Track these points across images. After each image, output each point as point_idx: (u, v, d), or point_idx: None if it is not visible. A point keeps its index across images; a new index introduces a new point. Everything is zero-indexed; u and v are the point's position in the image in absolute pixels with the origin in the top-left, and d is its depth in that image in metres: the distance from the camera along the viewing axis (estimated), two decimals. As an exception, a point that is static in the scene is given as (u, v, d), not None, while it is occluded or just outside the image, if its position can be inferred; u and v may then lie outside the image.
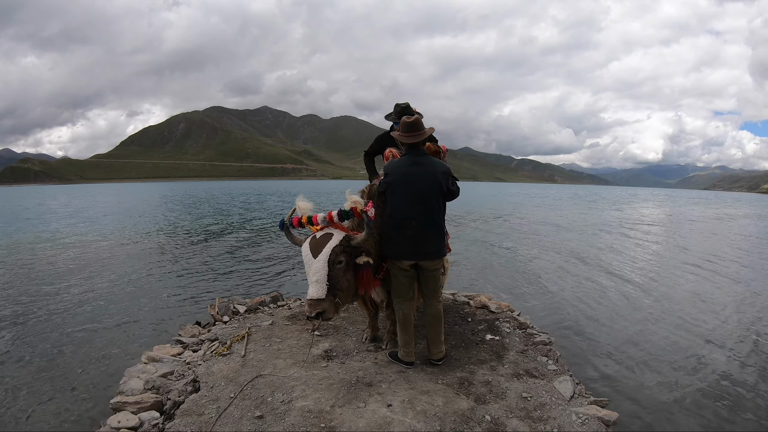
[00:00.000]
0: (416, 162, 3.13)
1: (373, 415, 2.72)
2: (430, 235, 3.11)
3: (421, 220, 3.06)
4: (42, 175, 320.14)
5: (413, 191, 3.06)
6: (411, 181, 3.07)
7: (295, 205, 3.08)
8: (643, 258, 10.93)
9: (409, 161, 3.15)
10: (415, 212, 3.05)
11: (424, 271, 3.23)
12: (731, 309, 6.61)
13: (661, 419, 3.53)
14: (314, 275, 2.74)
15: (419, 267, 3.20)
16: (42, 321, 5.59)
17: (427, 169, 3.11)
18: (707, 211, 33.00)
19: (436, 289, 3.33)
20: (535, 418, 2.77)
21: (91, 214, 22.39)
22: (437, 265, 3.25)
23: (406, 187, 3.07)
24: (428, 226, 3.10)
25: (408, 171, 3.10)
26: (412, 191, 3.06)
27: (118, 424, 2.70)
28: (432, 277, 3.27)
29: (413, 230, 3.05)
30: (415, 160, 3.14)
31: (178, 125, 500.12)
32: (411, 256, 3.11)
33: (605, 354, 4.78)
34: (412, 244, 3.08)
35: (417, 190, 3.06)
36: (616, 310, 6.43)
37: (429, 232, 3.11)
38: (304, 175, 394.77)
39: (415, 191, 3.06)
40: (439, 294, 3.36)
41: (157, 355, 3.74)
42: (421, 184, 3.07)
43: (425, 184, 3.07)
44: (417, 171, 3.09)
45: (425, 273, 3.24)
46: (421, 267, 3.20)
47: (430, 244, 3.12)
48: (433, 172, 3.10)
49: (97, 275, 8.13)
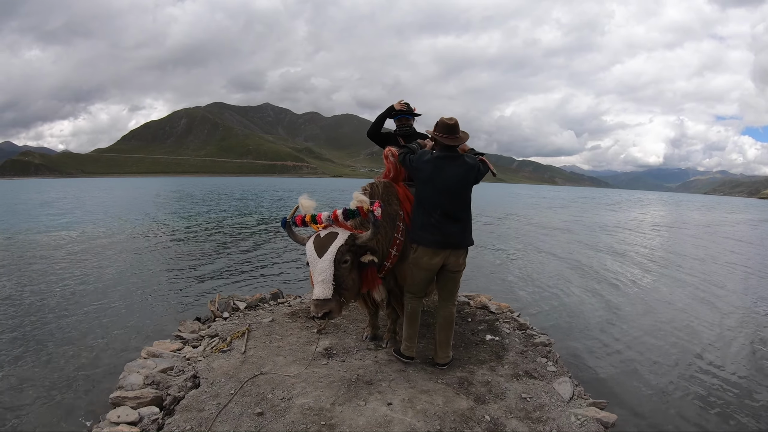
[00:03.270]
0: (449, 157, 3.20)
1: (373, 413, 2.73)
2: (457, 225, 3.18)
3: (449, 211, 3.14)
4: (43, 168, 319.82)
5: (443, 186, 3.14)
6: (442, 176, 3.15)
7: (298, 203, 3.07)
8: (644, 260, 10.93)
9: (442, 156, 3.20)
10: (446, 203, 3.14)
11: (446, 272, 3.24)
12: (732, 311, 6.62)
13: (660, 421, 3.54)
14: (320, 275, 2.72)
15: (443, 267, 3.21)
16: (41, 315, 5.58)
17: (458, 163, 3.19)
18: (709, 215, 33.02)
19: (454, 291, 3.34)
20: (535, 418, 2.78)
21: (90, 208, 22.37)
22: (460, 264, 3.25)
23: (436, 181, 3.15)
24: (456, 216, 3.18)
25: (440, 165, 3.17)
26: (442, 185, 3.14)
27: (118, 418, 2.70)
28: (452, 279, 3.28)
29: (439, 218, 3.13)
30: (447, 155, 3.20)
31: (179, 121, 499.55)
32: (437, 244, 3.14)
33: (604, 356, 4.78)
34: (439, 233, 3.13)
35: (447, 185, 3.14)
36: (616, 312, 6.43)
37: (456, 222, 3.18)
38: (304, 173, 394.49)
39: (445, 185, 3.14)
40: (455, 297, 3.38)
41: (157, 350, 3.74)
42: (452, 179, 3.16)
43: (455, 179, 3.16)
44: (448, 166, 3.17)
45: (446, 274, 3.25)
46: (445, 267, 3.21)
47: (456, 233, 3.17)
48: (464, 169, 3.19)
49: (95, 270, 8.13)
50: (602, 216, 26.24)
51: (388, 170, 3.56)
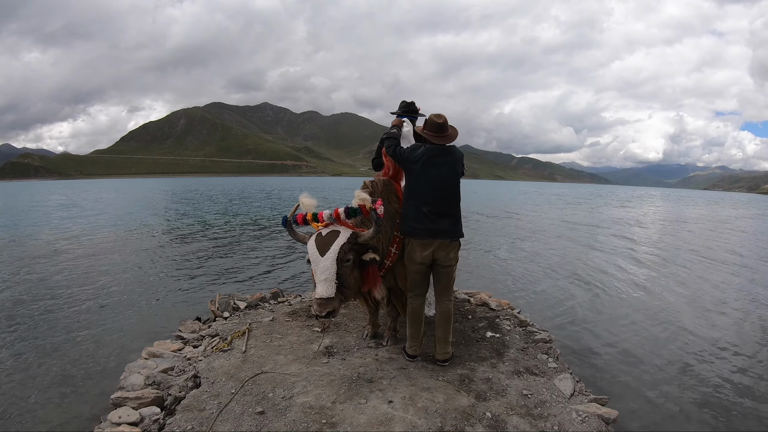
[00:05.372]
0: (440, 150, 3.25)
1: (374, 411, 2.72)
2: (447, 217, 3.22)
3: (440, 203, 3.19)
4: (42, 170, 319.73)
5: (435, 178, 3.19)
6: (434, 170, 3.19)
7: (299, 202, 3.06)
8: (644, 257, 10.92)
9: (434, 149, 3.24)
10: (437, 195, 3.18)
11: (438, 266, 3.25)
12: (734, 308, 6.61)
13: (661, 417, 3.54)
14: (322, 274, 2.71)
15: (435, 262, 3.23)
16: (42, 316, 5.58)
17: (448, 158, 3.25)
18: (708, 210, 33.02)
19: (448, 286, 3.34)
20: (536, 415, 2.78)
21: (89, 209, 22.36)
22: (451, 258, 3.25)
23: (429, 175, 3.19)
24: (447, 207, 3.22)
25: (432, 158, 3.21)
26: (434, 178, 3.19)
27: (119, 419, 2.70)
28: (445, 274, 3.29)
29: (430, 210, 3.17)
30: (438, 148, 3.25)
31: (178, 121, 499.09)
32: (428, 234, 3.16)
33: (605, 352, 4.78)
34: (430, 223, 3.16)
35: (438, 178, 3.20)
36: (617, 308, 6.43)
37: (447, 214, 3.22)
38: (304, 172, 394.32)
39: (437, 178, 3.19)
40: (450, 292, 3.38)
41: (158, 350, 3.74)
42: (443, 172, 3.21)
43: (447, 172, 3.22)
44: (440, 159, 3.22)
45: (438, 269, 3.26)
46: (436, 262, 3.22)
47: (447, 224, 3.21)
48: (454, 160, 3.27)
49: (96, 271, 8.12)
50: (604, 213, 26.21)
51: (387, 168, 3.56)
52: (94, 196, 37.07)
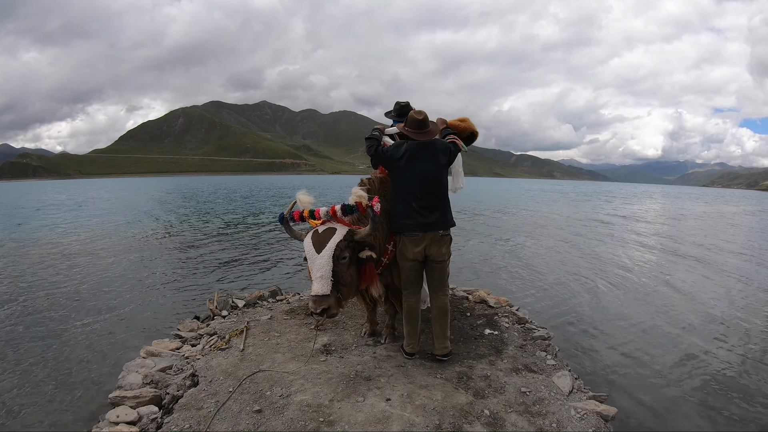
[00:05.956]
0: (421, 144, 3.24)
1: (372, 409, 2.72)
2: (436, 210, 3.21)
3: (427, 197, 3.18)
4: (40, 170, 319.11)
5: (421, 173, 3.19)
6: (418, 165, 3.19)
7: (296, 199, 3.05)
8: (643, 254, 10.93)
9: (415, 144, 3.24)
10: (424, 190, 3.18)
11: (431, 262, 3.25)
12: (733, 305, 6.61)
13: (660, 414, 3.54)
14: (318, 271, 2.71)
15: (427, 258, 3.23)
16: (40, 316, 5.57)
17: (430, 150, 3.23)
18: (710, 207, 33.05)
19: (442, 281, 3.34)
20: (534, 412, 2.77)
21: (88, 209, 22.32)
22: (443, 253, 3.25)
23: (414, 170, 3.19)
24: (434, 201, 3.22)
25: (414, 154, 3.20)
26: (420, 173, 3.19)
27: (117, 418, 2.70)
28: (438, 269, 3.28)
29: (418, 205, 3.17)
30: (420, 143, 3.24)
31: (176, 120, 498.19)
32: (419, 228, 3.16)
33: (604, 349, 4.78)
34: (420, 217, 3.16)
35: (424, 172, 3.19)
36: (616, 305, 6.43)
37: (435, 207, 3.21)
38: (302, 170, 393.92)
39: (422, 173, 3.19)
40: (445, 287, 3.37)
41: (156, 349, 3.74)
42: (428, 167, 3.20)
43: (430, 165, 3.21)
44: (422, 153, 3.21)
45: (431, 265, 3.26)
46: (429, 258, 3.22)
47: (436, 217, 3.20)
48: (436, 152, 3.24)
49: (94, 270, 8.11)
50: (603, 210, 26.21)
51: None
52: (96, 196, 37.01)
